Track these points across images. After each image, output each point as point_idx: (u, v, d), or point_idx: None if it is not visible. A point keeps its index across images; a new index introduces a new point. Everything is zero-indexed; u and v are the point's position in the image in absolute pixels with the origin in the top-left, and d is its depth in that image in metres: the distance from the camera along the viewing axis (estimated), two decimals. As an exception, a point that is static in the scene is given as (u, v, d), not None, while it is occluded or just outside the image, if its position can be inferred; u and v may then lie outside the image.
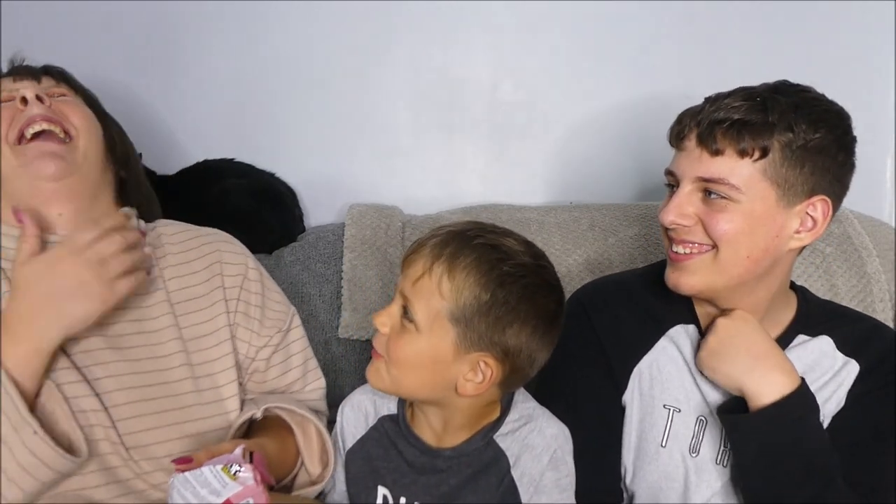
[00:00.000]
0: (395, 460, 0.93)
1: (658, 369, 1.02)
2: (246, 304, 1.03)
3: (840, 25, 1.57)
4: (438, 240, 0.86)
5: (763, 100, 0.92)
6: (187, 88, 1.49)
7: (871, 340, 1.01)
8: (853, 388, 0.98)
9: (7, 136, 0.95)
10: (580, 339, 1.05)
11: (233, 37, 1.48)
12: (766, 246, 0.93)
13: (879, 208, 1.64)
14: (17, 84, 1.01)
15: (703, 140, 0.93)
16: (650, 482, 1.01)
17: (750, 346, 0.94)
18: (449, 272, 0.83)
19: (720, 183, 0.92)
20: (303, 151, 1.52)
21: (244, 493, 0.76)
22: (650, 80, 1.55)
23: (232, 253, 1.06)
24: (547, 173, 1.59)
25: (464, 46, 1.53)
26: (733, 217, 0.92)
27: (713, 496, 0.99)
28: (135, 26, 1.44)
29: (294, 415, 0.99)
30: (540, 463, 0.88)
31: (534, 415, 0.92)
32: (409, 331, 0.85)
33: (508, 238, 0.88)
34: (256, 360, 1.03)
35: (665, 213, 0.96)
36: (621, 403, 1.03)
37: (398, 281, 0.89)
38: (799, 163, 0.91)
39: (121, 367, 0.93)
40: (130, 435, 0.91)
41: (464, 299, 0.83)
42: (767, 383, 0.92)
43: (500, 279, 0.83)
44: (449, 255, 0.84)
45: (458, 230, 0.87)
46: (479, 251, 0.84)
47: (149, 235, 1.03)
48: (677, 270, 0.97)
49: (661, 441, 1.01)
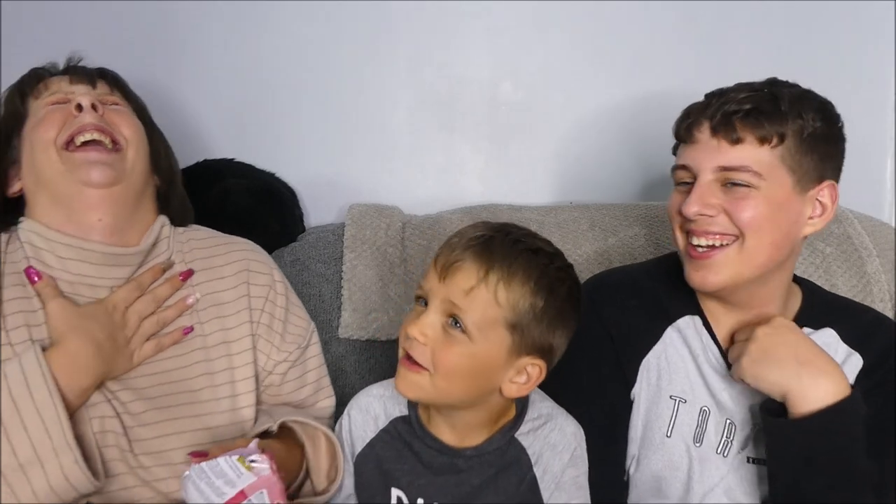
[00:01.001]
0: (409, 461, 0.92)
1: (666, 360, 1.03)
2: (270, 316, 1.03)
3: (840, 25, 1.57)
4: (480, 246, 0.84)
5: (770, 91, 0.95)
6: (187, 88, 1.49)
7: (874, 334, 1.02)
8: (857, 383, 0.99)
9: (56, 139, 0.95)
10: (589, 332, 1.04)
11: (233, 37, 1.48)
12: (787, 231, 0.96)
13: (879, 208, 1.64)
14: (73, 87, 1.00)
15: (719, 130, 0.94)
16: (654, 471, 1.02)
17: (796, 353, 0.93)
18: (506, 280, 0.82)
19: (743, 171, 0.93)
20: (303, 151, 1.52)
21: (259, 483, 0.76)
22: (650, 80, 1.55)
23: (260, 263, 1.06)
24: (547, 173, 1.59)
25: (464, 46, 1.53)
26: (757, 203, 0.93)
27: (715, 486, 0.99)
28: (135, 26, 1.44)
29: (307, 427, 0.98)
30: (561, 461, 0.90)
31: (553, 413, 0.94)
32: (458, 340, 0.83)
33: (538, 240, 0.89)
34: (273, 373, 1.03)
35: (688, 205, 0.95)
36: (629, 397, 1.03)
37: (428, 285, 0.86)
38: (810, 149, 0.94)
39: (141, 370, 0.94)
40: (142, 442, 0.91)
41: (521, 307, 0.83)
42: (815, 389, 0.90)
43: (551, 285, 0.85)
44: (502, 263, 0.83)
45: (495, 233, 0.86)
46: (526, 257, 0.84)
47: (178, 238, 1.04)
48: (702, 269, 0.97)
49: (667, 431, 1.01)
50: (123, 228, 0.97)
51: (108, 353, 0.90)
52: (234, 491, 0.75)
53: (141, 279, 0.96)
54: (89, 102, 0.96)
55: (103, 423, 0.89)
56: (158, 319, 0.96)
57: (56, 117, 0.96)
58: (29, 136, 0.97)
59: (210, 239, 1.06)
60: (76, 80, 1.01)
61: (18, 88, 1.01)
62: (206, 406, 0.95)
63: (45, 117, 0.96)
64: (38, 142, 0.95)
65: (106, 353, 0.89)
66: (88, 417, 0.89)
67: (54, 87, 1.01)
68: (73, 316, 0.89)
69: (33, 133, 0.96)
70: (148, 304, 0.95)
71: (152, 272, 0.97)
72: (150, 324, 0.95)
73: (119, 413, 0.91)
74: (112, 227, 0.96)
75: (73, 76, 1.02)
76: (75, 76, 1.02)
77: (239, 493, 0.75)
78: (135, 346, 0.93)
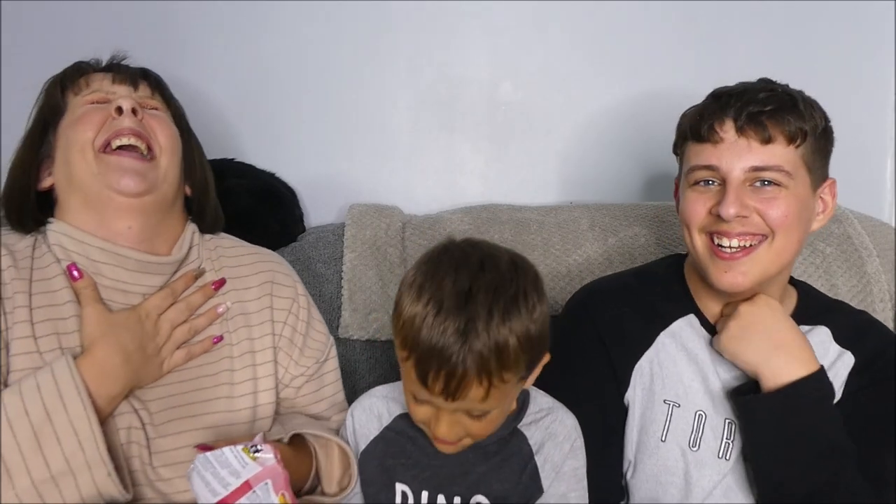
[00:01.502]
0: (413, 456, 0.93)
1: (658, 365, 1.03)
2: (292, 329, 1.02)
3: (840, 25, 1.57)
4: (469, 344, 0.77)
5: (785, 91, 0.96)
6: (187, 88, 1.48)
7: (866, 334, 1.03)
8: (849, 382, 0.99)
9: (94, 140, 0.93)
10: (583, 338, 1.06)
11: (233, 37, 1.48)
12: (807, 227, 0.99)
13: (879, 208, 1.64)
14: (114, 87, 0.98)
15: (746, 130, 0.94)
16: (649, 476, 1.02)
17: (773, 333, 0.95)
18: (505, 362, 0.79)
19: (776, 170, 0.94)
20: (303, 151, 1.52)
21: (264, 473, 0.76)
22: (650, 80, 1.55)
23: (284, 276, 1.05)
24: (547, 173, 1.59)
25: (464, 46, 1.53)
26: (788, 202, 0.95)
27: (714, 489, 0.99)
28: (135, 26, 1.44)
29: (318, 438, 0.97)
30: (562, 450, 0.92)
31: (553, 407, 0.96)
32: (486, 419, 0.84)
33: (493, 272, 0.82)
34: (289, 386, 1.02)
35: (726, 206, 0.94)
36: (623, 402, 1.04)
37: (431, 398, 0.81)
38: (820, 147, 0.96)
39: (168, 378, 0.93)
40: (162, 453, 0.90)
41: (522, 363, 0.81)
42: (787, 371, 0.93)
43: (528, 307, 0.81)
44: (489, 359, 0.78)
45: (465, 311, 0.78)
46: (505, 308, 0.79)
47: (205, 246, 1.03)
48: (731, 269, 0.97)
49: (661, 436, 1.01)
50: (152, 237, 0.96)
51: (138, 362, 0.89)
52: (238, 482, 0.75)
53: (174, 286, 0.95)
54: (130, 106, 0.94)
55: (129, 434, 0.88)
56: (190, 328, 0.95)
57: (95, 118, 0.94)
58: (65, 132, 0.95)
59: (237, 248, 1.06)
60: (119, 80, 0.99)
61: (60, 81, 0.99)
62: (227, 416, 0.95)
63: (84, 116, 0.94)
64: (75, 141, 0.93)
65: (135, 362, 0.89)
66: (116, 428, 0.88)
67: (96, 84, 0.98)
68: (105, 323, 0.88)
69: (70, 131, 0.94)
70: (181, 312, 0.94)
71: (185, 280, 0.96)
72: (181, 332, 0.94)
73: (144, 424, 0.90)
74: (140, 236, 0.95)
75: (117, 74, 1.00)
76: (118, 75, 1.00)
77: (244, 484, 0.75)
78: (165, 354, 0.93)
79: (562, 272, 1.34)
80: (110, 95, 0.97)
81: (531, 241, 1.37)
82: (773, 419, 0.93)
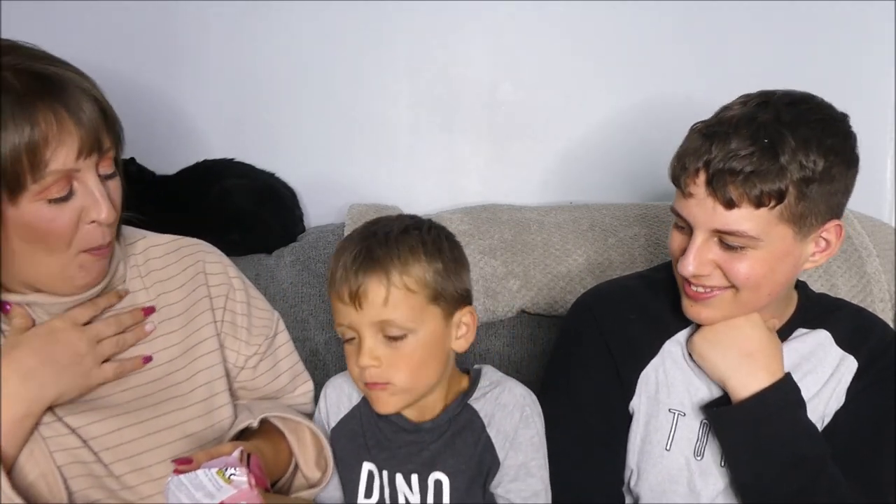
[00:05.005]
0: (376, 436, 0.97)
1: (664, 373, 1.02)
2: (232, 313, 1.02)
3: (840, 25, 1.57)
4: (365, 260, 0.89)
5: (770, 140, 0.87)
6: (187, 88, 1.49)
7: (868, 336, 1.02)
8: (852, 384, 0.99)
9: (70, 242, 0.84)
10: (588, 343, 1.05)
11: (232, 37, 1.48)
12: (786, 279, 0.95)
13: (879, 208, 1.64)
14: (79, 162, 0.81)
15: (713, 189, 0.89)
16: (653, 484, 1.01)
17: (743, 343, 0.95)
18: (404, 270, 0.88)
19: (739, 235, 0.89)
20: (303, 151, 1.52)
21: (238, 496, 0.76)
22: (650, 80, 1.55)
23: (213, 263, 1.03)
24: (547, 173, 1.59)
25: (464, 46, 1.53)
26: (753, 263, 0.91)
27: (717, 497, 0.99)
28: (134, 27, 1.44)
29: (287, 421, 0.98)
30: (512, 419, 0.93)
31: (501, 380, 0.98)
32: (403, 343, 0.89)
33: (400, 220, 0.95)
34: (245, 368, 1.02)
35: (684, 264, 0.93)
36: (628, 410, 1.03)
37: (347, 320, 0.90)
38: (813, 196, 0.88)
39: (105, 390, 0.92)
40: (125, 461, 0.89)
41: (429, 278, 0.89)
42: (754, 381, 0.93)
43: (436, 245, 0.91)
44: (392, 260, 0.88)
45: (365, 241, 0.90)
46: (405, 241, 0.90)
47: (134, 262, 0.99)
48: (697, 305, 0.97)
49: (666, 445, 1.01)
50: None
51: (46, 376, 0.85)
52: (213, 503, 0.75)
53: (97, 301, 0.92)
54: (109, 217, 0.85)
55: (67, 455, 0.86)
56: (118, 341, 0.92)
57: (66, 230, 0.84)
58: (22, 230, 0.82)
59: (161, 247, 1.01)
60: (86, 151, 0.82)
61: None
62: (184, 413, 0.94)
63: (53, 228, 0.83)
64: (41, 249, 0.84)
65: (42, 376, 0.85)
66: (50, 451, 0.86)
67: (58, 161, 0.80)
68: (6, 345, 0.85)
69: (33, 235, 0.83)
70: (109, 325, 0.91)
71: (108, 297, 0.93)
72: (108, 345, 0.91)
73: (86, 440, 0.88)
74: None
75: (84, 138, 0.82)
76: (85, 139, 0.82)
77: None
78: (90, 364, 0.89)
79: (561, 272, 1.34)
80: (73, 174, 0.82)
81: (531, 241, 1.37)
82: (742, 430, 0.94)
